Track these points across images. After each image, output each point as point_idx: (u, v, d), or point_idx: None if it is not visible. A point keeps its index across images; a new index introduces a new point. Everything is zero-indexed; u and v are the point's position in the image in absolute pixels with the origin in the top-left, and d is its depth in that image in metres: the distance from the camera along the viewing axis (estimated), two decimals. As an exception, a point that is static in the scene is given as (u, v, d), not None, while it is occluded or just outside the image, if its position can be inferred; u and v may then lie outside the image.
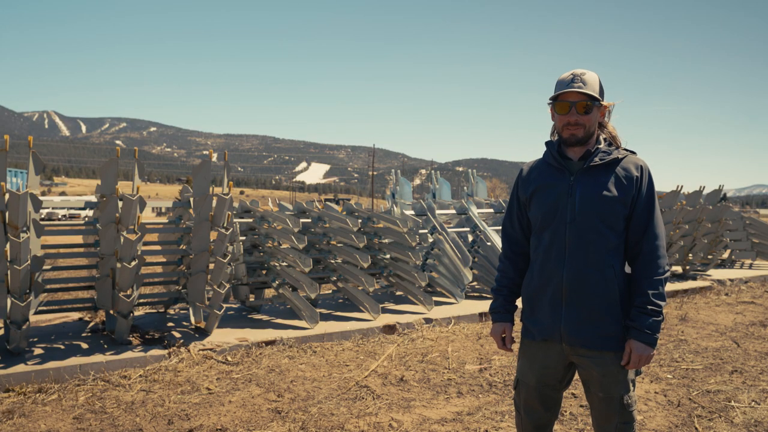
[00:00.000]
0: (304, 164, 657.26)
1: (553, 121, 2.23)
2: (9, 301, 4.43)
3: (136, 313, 6.07)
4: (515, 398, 2.38)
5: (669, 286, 8.66)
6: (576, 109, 2.12)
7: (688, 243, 9.75)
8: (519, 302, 2.37)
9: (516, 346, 2.41)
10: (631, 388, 2.16)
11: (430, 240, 7.22)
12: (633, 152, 2.20)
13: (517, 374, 2.35)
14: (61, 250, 6.01)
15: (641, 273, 2.10)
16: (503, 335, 2.35)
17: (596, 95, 2.12)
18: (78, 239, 6.19)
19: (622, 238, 2.14)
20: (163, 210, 68.88)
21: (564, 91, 2.12)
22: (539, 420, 2.31)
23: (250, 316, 6.28)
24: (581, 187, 2.13)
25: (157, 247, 6.24)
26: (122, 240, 4.85)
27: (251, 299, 6.53)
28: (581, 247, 2.11)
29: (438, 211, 7.88)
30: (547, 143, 2.28)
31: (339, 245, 6.57)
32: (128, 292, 4.84)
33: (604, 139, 2.21)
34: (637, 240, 2.12)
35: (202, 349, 4.90)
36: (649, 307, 2.06)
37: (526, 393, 2.30)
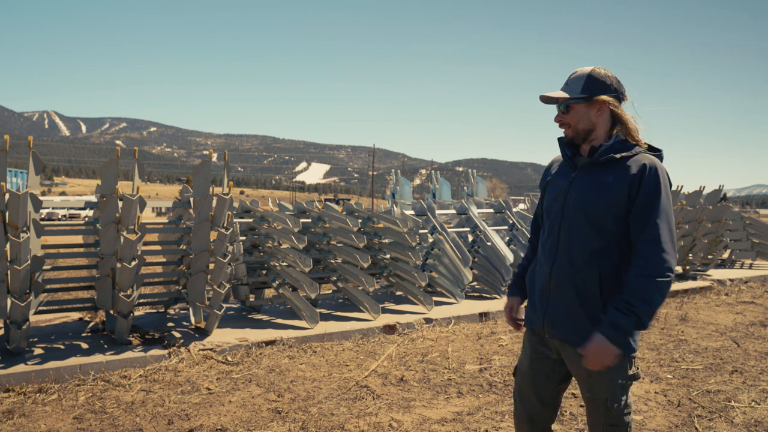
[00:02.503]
0: (304, 164, 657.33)
1: None
2: (9, 301, 4.43)
3: (136, 313, 6.07)
4: (514, 388, 2.41)
5: (669, 286, 8.65)
6: (560, 109, 2.17)
7: (688, 243, 9.75)
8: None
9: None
10: (620, 392, 2.10)
11: (430, 240, 7.22)
12: (656, 150, 2.13)
13: (517, 362, 2.40)
14: (61, 250, 6.01)
15: (631, 271, 2.01)
16: (511, 310, 2.42)
17: (565, 94, 2.12)
18: (78, 239, 6.19)
19: (613, 239, 2.07)
20: (163, 210, 68.91)
21: (540, 95, 2.19)
22: (532, 411, 2.31)
23: (250, 316, 6.28)
24: (578, 184, 2.14)
25: (157, 247, 6.24)
26: (122, 240, 4.85)
27: (251, 299, 6.53)
28: (569, 244, 2.12)
29: (438, 211, 7.88)
30: (558, 139, 2.28)
31: (339, 245, 6.57)
32: (128, 292, 4.84)
33: (617, 136, 2.13)
34: (635, 239, 2.05)
35: (202, 349, 4.90)
36: (623, 303, 1.97)
37: (521, 380, 2.34)
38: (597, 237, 2.07)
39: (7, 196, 4.38)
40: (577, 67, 2.20)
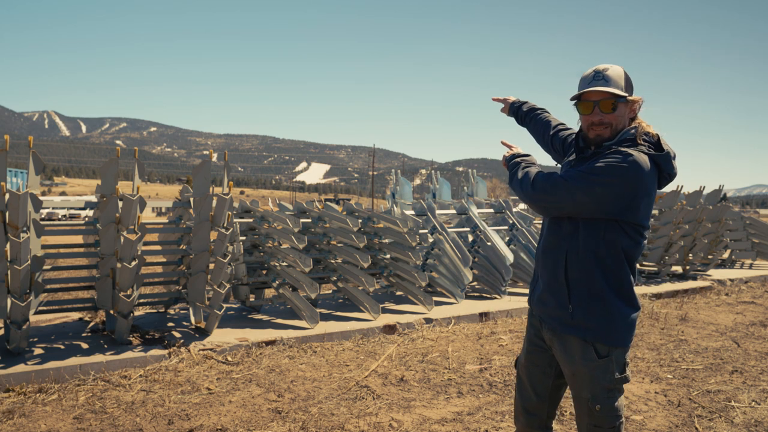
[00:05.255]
0: (304, 164, 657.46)
1: (579, 119, 2.17)
2: (9, 301, 4.43)
3: (136, 313, 6.07)
4: (516, 380, 2.44)
5: (669, 286, 8.67)
6: (600, 108, 2.04)
7: (688, 243, 9.75)
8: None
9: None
10: (604, 394, 2.06)
11: (430, 240, 7.22)
12: (660, 149, 2.03)
13: (520, 352, 2.44)
14: (61, 250, 6.00)
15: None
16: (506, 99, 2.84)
17: (621, 92, 2.02)
18: (78, 239, 6.19)
19: (580, 226, 2.07)
20: (163, 210, 68.92)
21: (586, 90, 2.04)
22: (528, 403, 2.32)
23: (250, 316, 6.28)
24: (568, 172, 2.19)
25: (157, 247, 6.24)
26: (122, 240, 4.85)
27: (251, 299, 6.53)
28: (548, 228, 2.22)
29: (438, 211, 7.88)
30: (580, 130, 2.23)
31: (339, 245, 6.57)
32: (128, 292, 4.84)
33: (632, 132, 2.06)
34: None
35: (203, 349, 4.90)
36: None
37: (519, 369, 2.38)
38: (565, 223, 2.12)
39: (7, 196, 4.37)
40: (575, 67, 2.17)
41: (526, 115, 2.72)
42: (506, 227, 8.38)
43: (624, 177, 1.95)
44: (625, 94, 2.04)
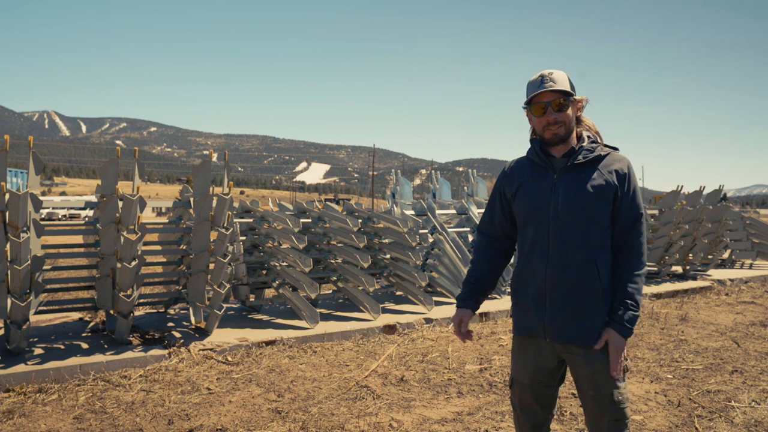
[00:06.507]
0: (304, 164, 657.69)
1: (531, 124, 2.27)
2: (9, 301, 4.43)
3: (136, 313, 6.08)
4: (511, 397, 2.38)
5: (669, 286, 8.67)
6: (552, 108, 2.15)
7: (688, 243, 9.74)
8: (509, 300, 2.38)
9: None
10: (621, 385, 2.14)
11: (431, 240, 7.22)
12: (615, 148, 2.22)
13: (512, 373, 2.35)
14: (61, 250, 6.00)
15: (623, 268, 2.13)
16: (460, 323, 2.33)
17: (568, 90, 2.15)
18: (78, 239, 6.19)
19: (607, 233, 2.15)
20: (163, 210, 68.92)
21: (537, 93, 2.15)
22: (536, 418, 2.31)
23: (250, 316, 6.28)
24: (564, 184, 2.15)
25: (157, 247, 6.24)
26: (122, 240, 4.85)
27: (251, 299, 6.53)
28: (564, 244, 2.12)
29: (438, 211, 7.88)
30: (531, 141, 2.30)
31: (339, 245, 6.57)
32: (128, 292, 4.84)
33: (588, 136, 2.22)
34: (623, 235, 2.15)
35: (203, 349, 4.90)
36: (629, 301, 2.09)
37: (521, 392, 2.30)
38: (595, 232, 2.12)
39: (7, 196, 4.38)
40: (575, 67, 2.19)
41: (479, 289, 2.38)
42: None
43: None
44: (573, 93, 2.17)
